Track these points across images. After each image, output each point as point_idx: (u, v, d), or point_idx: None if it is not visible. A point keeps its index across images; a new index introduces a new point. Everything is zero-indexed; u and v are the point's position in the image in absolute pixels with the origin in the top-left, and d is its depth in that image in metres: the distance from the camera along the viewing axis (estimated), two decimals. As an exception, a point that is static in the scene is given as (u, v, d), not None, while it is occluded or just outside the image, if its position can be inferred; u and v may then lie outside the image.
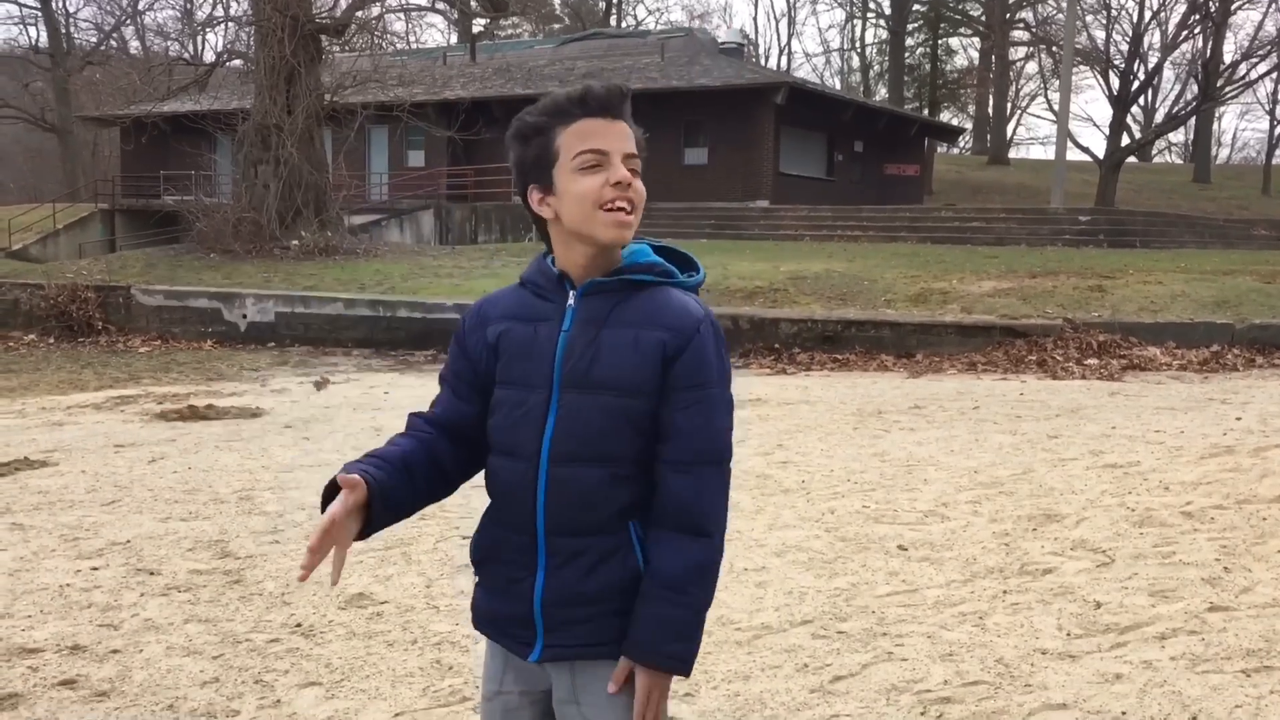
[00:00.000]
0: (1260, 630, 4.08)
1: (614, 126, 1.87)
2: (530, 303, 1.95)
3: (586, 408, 1.85)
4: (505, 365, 1.93)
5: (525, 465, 1.88)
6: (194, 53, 45.02)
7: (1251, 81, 39.21)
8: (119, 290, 16.89)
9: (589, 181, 1.85)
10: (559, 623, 1.89)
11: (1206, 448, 7.21)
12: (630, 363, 1.84)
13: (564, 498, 1.86)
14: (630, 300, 1.88)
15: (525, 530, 1.90)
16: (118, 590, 4.75)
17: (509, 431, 1.91)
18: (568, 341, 1.88)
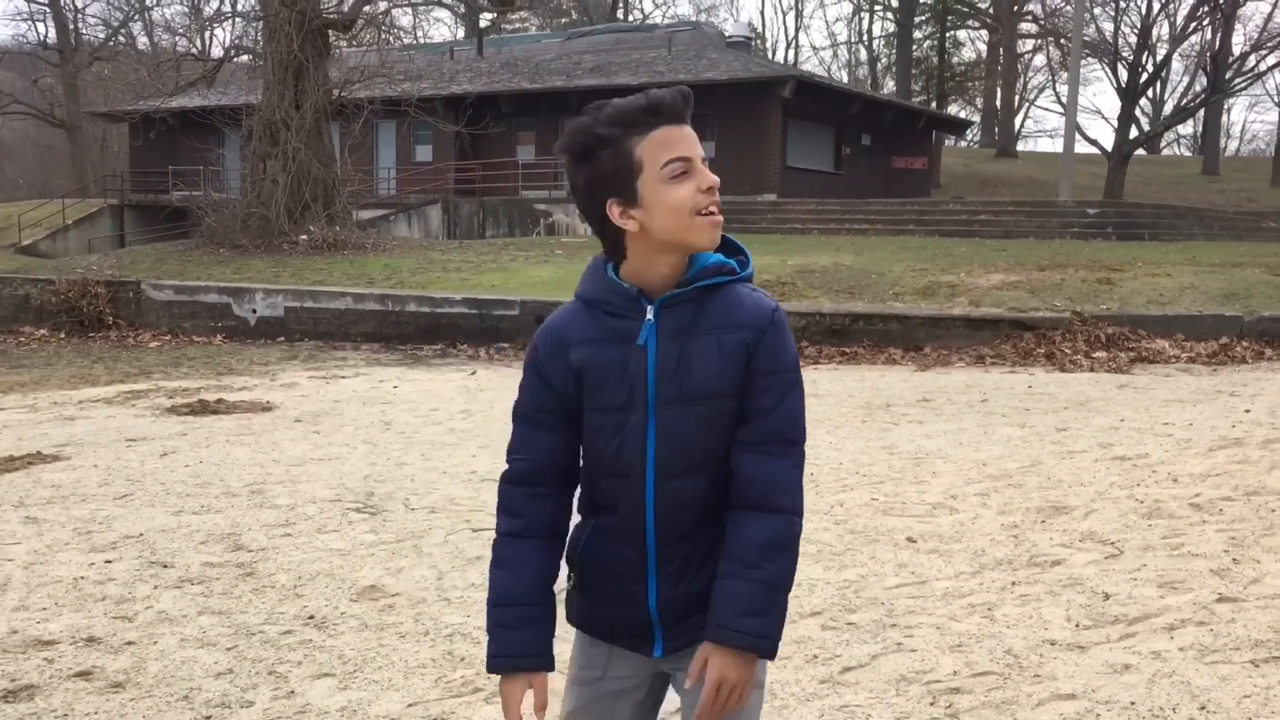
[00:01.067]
0: (1269, 621, 4.09)
1: (685, 132, 1.87)
2: (607, 323, 1.91)
3: (684, 421, 1.88)
4: (596, 390, 1.91)
5: (634, 484, 1.90)
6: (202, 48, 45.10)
7: (1261, 73, 39.11)
8: (129, 285, 16.94)
9: (682, 190, 1.84)
10: (676, 622, 1.94)
11: (1215, 440, 7.21)
12: (717, 369, 1.87)
13: (672, 510, 1.90)
14: (705, 306, 1.89)
15: (636, 545, 1.93)
16: (131, 583, 4.79)
17: (614, 454, 1.92)
18: (657, 359, 1.88)
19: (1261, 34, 36.76)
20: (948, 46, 53.22)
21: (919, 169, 36.43)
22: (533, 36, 43.70)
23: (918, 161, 36.44)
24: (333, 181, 22.00)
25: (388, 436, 8.16)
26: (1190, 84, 46.67)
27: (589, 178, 1.88)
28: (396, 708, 3.56)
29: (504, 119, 32.36)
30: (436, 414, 9.13)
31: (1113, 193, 33.02)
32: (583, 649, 2.08)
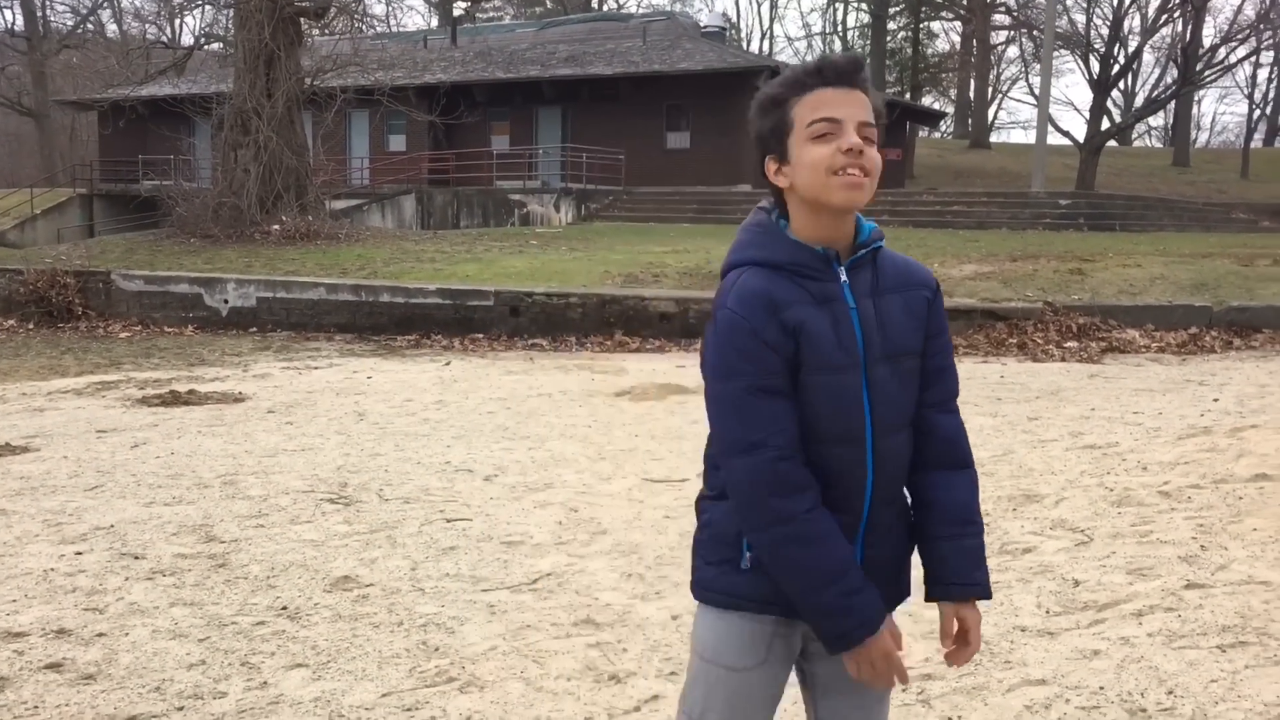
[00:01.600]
0: (1235, 607, 4.14)
1: (849, 95, 1.90)
2: (804, 285, 1.91)
3: (890, 378, 1.94)
4: (814, 351, 1.88)
5: (854, 447, 1.92)
6: (172, 36, 44.68)
7: (1230, 65, 39.40)
8: (99, 276, 16.78)
9: (821, 149, 1.88)
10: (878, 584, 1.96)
11: (1184, 428, 7.28)
12: (910, 326, 1.96)
13: (888, 469, 1.96)
14: (879, 267, 1.98)
15: (850, 510, 1.94)
16: (102, 574, 4.75)
17: (836, 418, 1.90)
18: (860, 318, 1.93)
19: (1231, 26, 37.07)
20: (921, 38, 53.37)
21: (893, 160, 36.53)
22: (507, 26, 43.52)
23: (892, 153, 36.53)
24: (305, 171, 21.86)
25: (361, 427, 8.13)
26: (1161, 76, 46.99)
27: (757, 135, 1.98)
28: (370, 698, 3.56)
29: (478, 109, 32.25)
30: (410, 405, 9.10)
31: (1085, 184, 33.24)
32: (739, 634, 2.00)
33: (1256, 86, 53.97)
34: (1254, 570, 4.53)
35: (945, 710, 3.39)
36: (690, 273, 14.96)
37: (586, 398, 9.24)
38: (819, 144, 1.88)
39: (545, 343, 13.47)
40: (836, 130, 1.88)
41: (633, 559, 4.93)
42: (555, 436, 7.64)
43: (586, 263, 16.37)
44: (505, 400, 9.12)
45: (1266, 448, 6.46)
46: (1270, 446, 6.49)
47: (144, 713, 3.45)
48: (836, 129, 1.88)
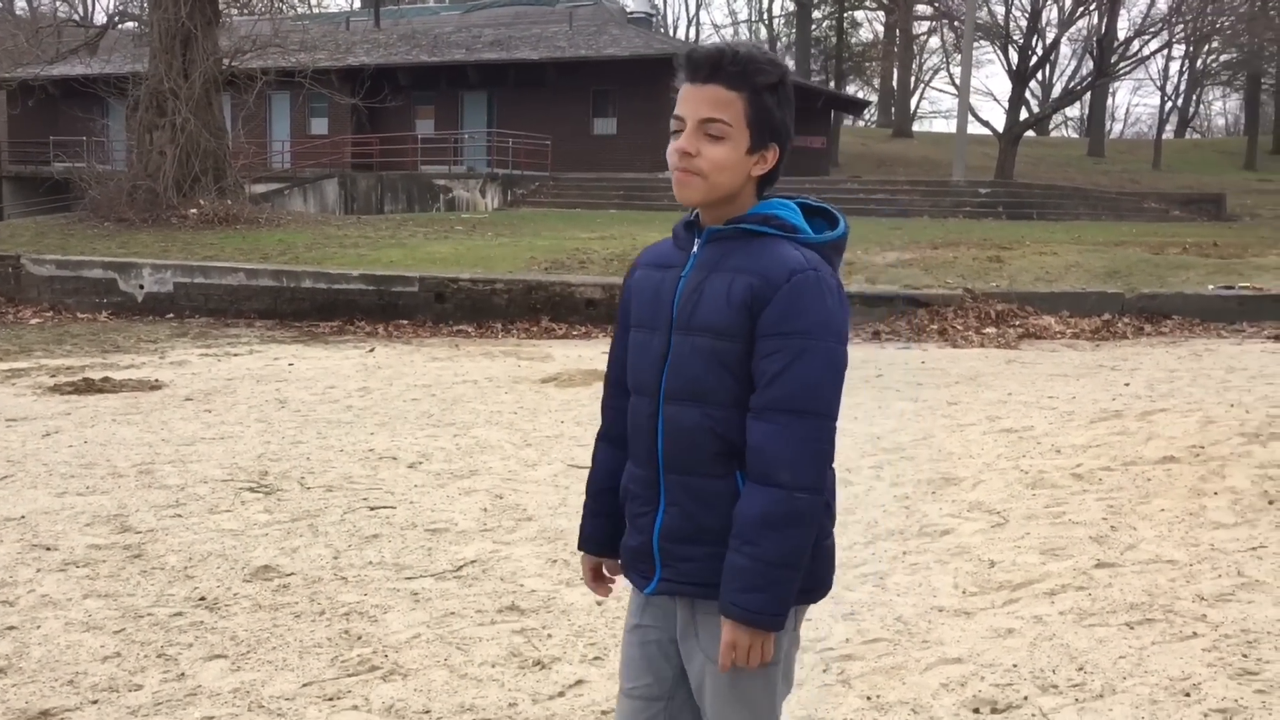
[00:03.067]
0: (1143, 585, 4.27)
1: (698, 91, 1.95)
2: (669, 250, 2.09)
3: (689, 348, 1.97)
4: (637, 308, 2.09)
5: (649, 403, 2.02)
6: (84, 14, 43.41)
7: (1144, 58, 40.40)
8: (8, 260, 16.28)
9: (671, 145, 1.98)
10: (673, 558, 2.00)
11: (1096, 412, 7.47)
12: (719, 306, 1.94)
13: (673, 435, 1.98)
14: (742, 249, 1.98)
15: (649, 465, 2.03)
16: (12, 566, 4.63)
17: (638, 371, 2.06)
18: (684, 286, 2.00)
19: (1145, 19, 37.96)
20: (846, 27, 53.90)
21: (817, 148, 36.85)
22: (431, 9, 43.01)
23: (816, 140, 36.86)
24: (224, 154, 21.38)
25: (283, 415, 8.01)
26: (1078, 68, 48.08)
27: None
28: (291, 688, 3.52)
29: (402, 92, 31.84)
30: (333, 391, 8.99)
31: (1004, 173, 33.86)
32: (631, 594, 2.15)
33: (1168, 79, 55.40)
34: (1161, 549, 4.68)
35: (864, 689, 3.45)
36: (616, 259, 14.95)
37: (512, 384, 9.21)
38: (673, 139, 1.98)
39: (471, 329, 13.38)
40: (681, 128, 1.96)
41: (558, 545, 4.93)
42: (480, 423, 7.60)
43: (512, 249, 16.28)
44: (430, 387, 9.04)
45: (1174, 431, 6.66)
46: (1178, 430, 6.68)
47: (57, 706, 3.38)
48: (681, 127, 1.96)
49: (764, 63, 1.96)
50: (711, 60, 1.93)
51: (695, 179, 1.95)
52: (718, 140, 1.94)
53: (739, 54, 1.94)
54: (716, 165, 1.95)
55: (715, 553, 1.94)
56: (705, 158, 1.94)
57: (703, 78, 1.94)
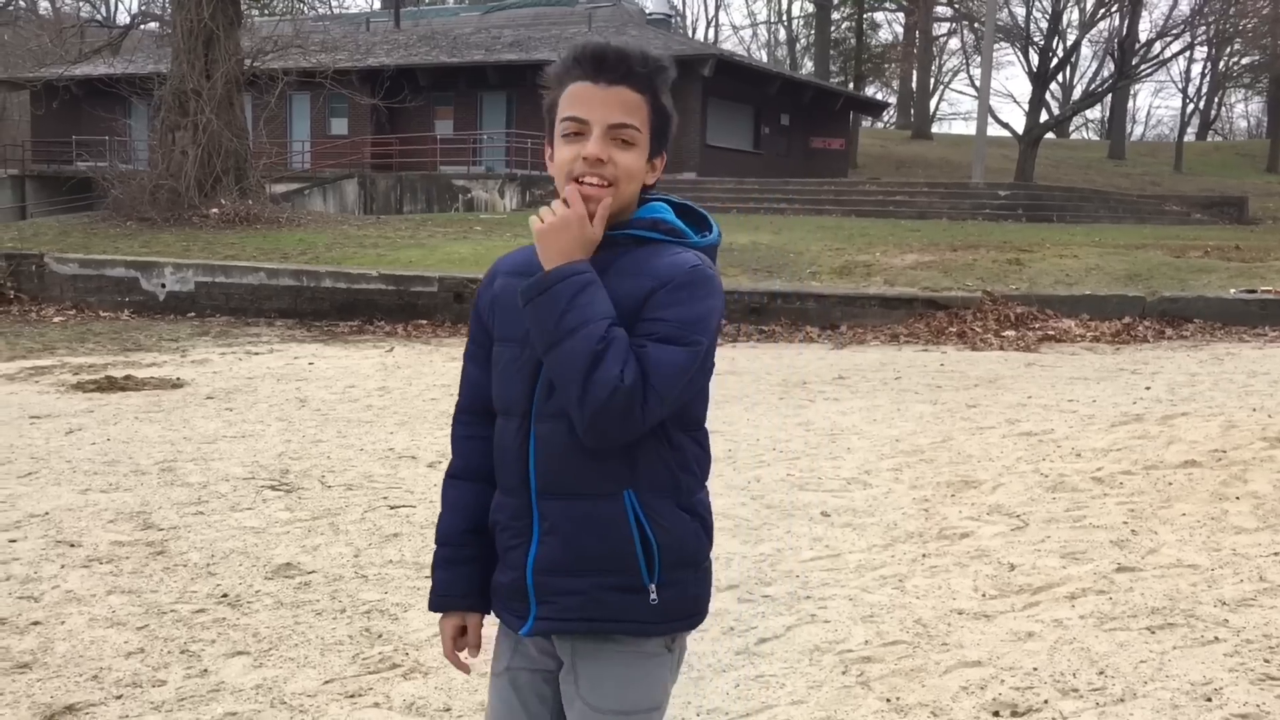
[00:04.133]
0: (1164, 589, 4.25)
1: (605, 93, 1.78)
2: (534, 257, 1.85)
3: None
4: (501, 321, 1.88)
5: (517, 423, 1.83)
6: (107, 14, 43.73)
7: (1165, 60, 40.25)
8: (31, 258, 16.40)
9: (566, 151, 1.80)
10: (551, 592, 1.81)
11: (1117, 416, 7.44)
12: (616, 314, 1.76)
13: (550, 456, 1.79)
14: (630, 255, 1.82)
15: (520, 493, 1.83)
16: (37, 562, 4.67)
17: (504, 388, 1.86)
18: None
19: (1167, 21, 37.78)
20: (865, 28, 53.75)
21: (836, 149, 36.81)
22: (450, 9, 43.13)
23: (835, 142, 36.82)
24: (245, 154, 21.50)
25: (303, 414, 8.06)
26: (1099, 70, 47.79)
27: (544, 113, 1.87)
28: (313, 685, 3.54)
29: (422, 93, 31.94)
30: (353, 391, 9.03)
31: (1023, 175, 33.75)
32: (499, 636, 1.98)
33: (1190, 81, 55.10)
34: (1182, 554, 4.66)
35: (884, 691, 3.45)
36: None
37: (531, 384, 9.23)
38: (566, 144, 1.80)
39: (489, 329, 13.41)
40: (584, 131, 1.78)
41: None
42: (499, 423, 7.61)
43: (531, 249, 16.30)
44: (449, 387, 9.07)
45: (1196, 435, 6.63)
46: (1199, 434, 6.65)
47: (82, 701, 3.41)
48: (585, 130, 1.78)
49: (667, 65, 1.84)
50: (622, 60, 1.78)
51: (606, 190, 1.78)
52: (629, 147, 1.79)
53: (647, 55, 1.81)
54: (629, 174, 1.80)
55: (601, 583, 1.79)
56: (617, 165, 1.78)
57: (611, 78, 1.78)
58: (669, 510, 1.84)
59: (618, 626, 1.82)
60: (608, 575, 1.80)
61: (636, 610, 1.82)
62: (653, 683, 1.87)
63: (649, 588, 1.81)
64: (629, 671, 1.84)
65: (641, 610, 1.82)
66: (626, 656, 1.84)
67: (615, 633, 1.83)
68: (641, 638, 1.85)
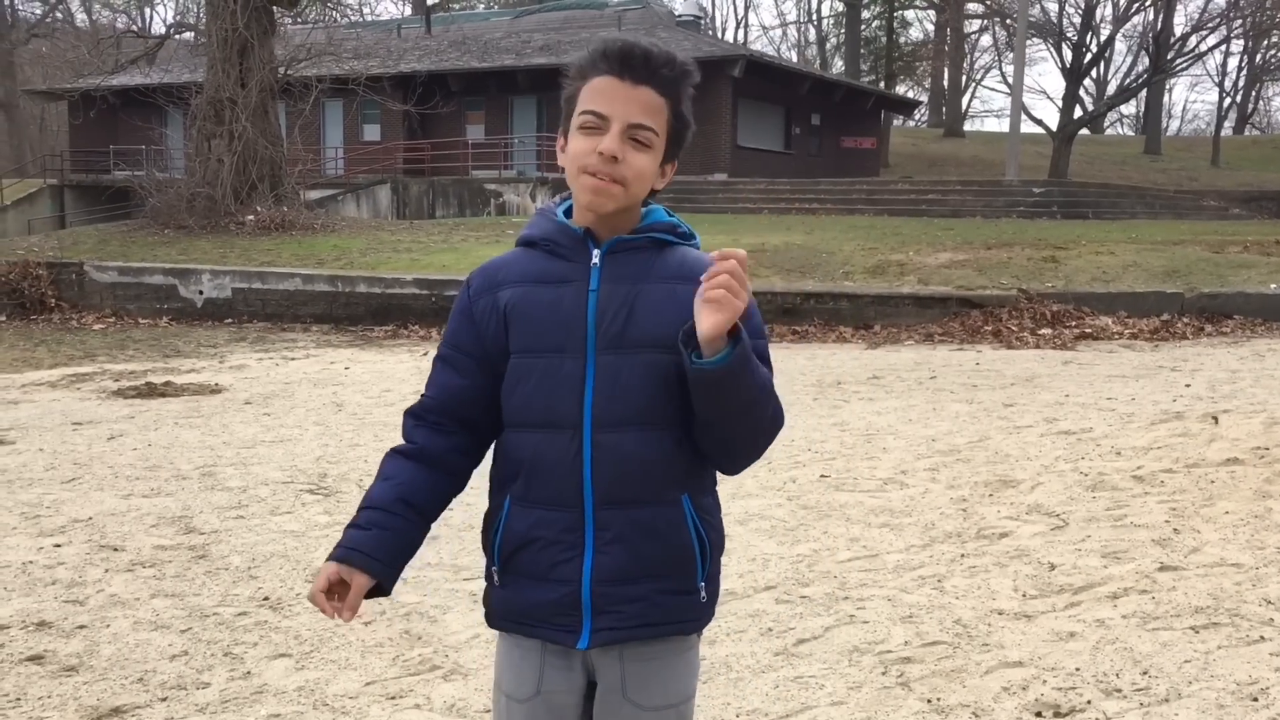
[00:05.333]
0: (1208, 589, 4.21)
1: (630, 91, 1.76)
2: (547, 265, 1.83)
3: (626, 369, 1.76)
4: (526, 332, 1.81)
5: (568, 436, 1.77)
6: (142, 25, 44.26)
7: (1201, 54, 39.70)
8: (72, 267, 16.64)
9: (584, 143, 1.77)
10: (609, 603, 1.79)
11: (1157, 414, 7.36)
12: (667, 317, 1.75)
13: (612, 466, 1.76)
14: (658, 258, 1.81)
15: (571, 506, 1.78)
16: (82, 567, 4.74)
17: (544, 402, 1.79)
18: (599, 301, 1.78)
19: (1202, 15, 37.30)
20: (895, 26, 53.50)
21: (868, 149, 36.63)
22: (481, 14, 43.35)
23: (866, 141, 36.65)
24: (280, 161, 21.71)
25: (340, 418, 8.12)
26: (1133, 64, 47.36)
27: (562, 103, 1.85)
28: (354, 686, 3.57)
29: (453, 98, 32.08)
30: (389, 395, 9.09)
31: (1057, 172, 33.44)
32: (511, 661, 1.90)
33: (1227, 75, 54.40)
34: (1226, 553, 4.60)
35: (924, 692, 3.43)
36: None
37: (565, 387, 9.25)
38: (583, 136, 1.77)
39: (523, 332, 13.46)
40: (603, 127, 1.76)
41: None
42: (534, 426, 7.64)
43: (563, 252, 16.35)
44: (484, 390, 9.11)
45: (1238, 432, 6.55)
46: (1241, 431, 6.58)
47: (127, 704, 3.45)
48: (603, 125, 1.76)
49: (692, 70, 1.82)
50: (648, 59, 1.76)
51: (616, 188, 1.76)
52: (644, 148, 1.77)
53: (674, 59, 1.79)
54: (640, 176, 1.78)
55: (662, 588, 1.79)
56: (630, 166, 1.76)
57: (636, 78, 1.76)
58: (713, 508, 1.90)
59: (674, 628, 1.84)
60: (666, 579, 1.81)
61: (689, 610, 1.85)
62: (692, 672, 1.91)
63: (700, 587, 1.84)
64: (675, 667, 1.86)
65: (693, 609, 1.85)
66: (673, 654, 1.86)
67: (670, 635, 1.84)
68: (689, 635, 1.88)
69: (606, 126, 1.76)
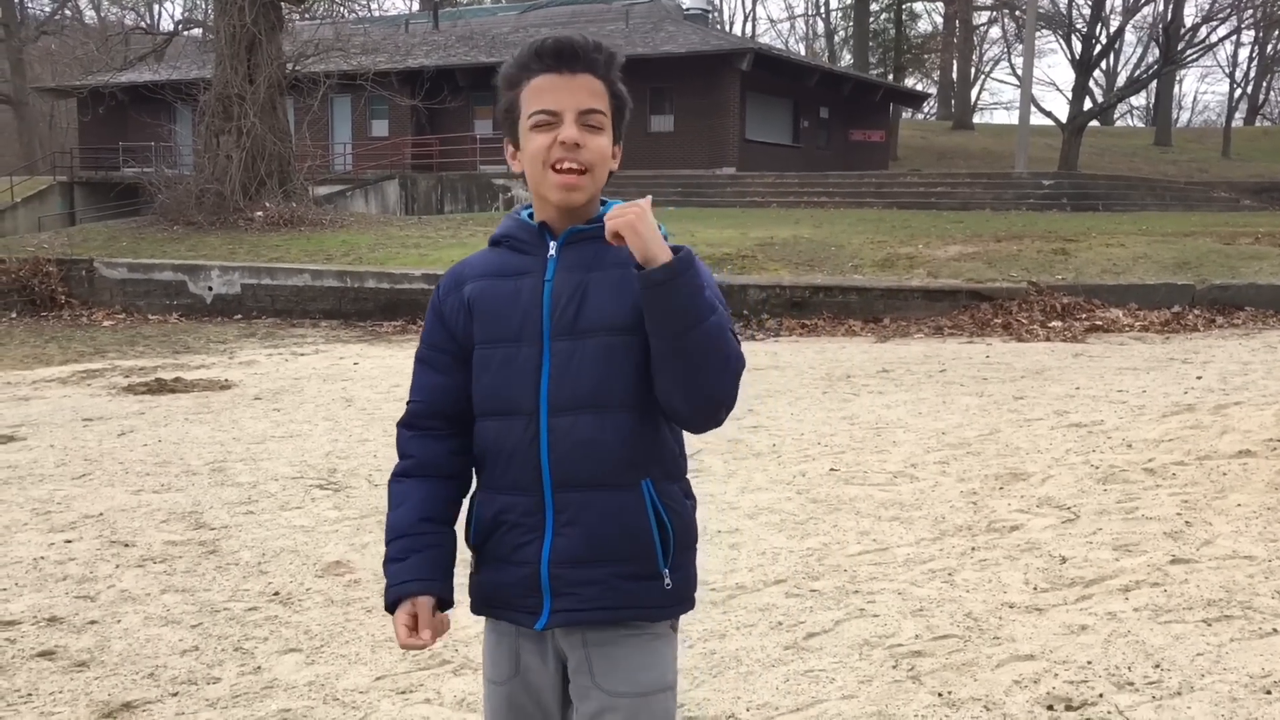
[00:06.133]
0: (1220, 581, 4.19)
1: (571, 81, 1.83)
2: (508, 259, 1.91)
3: (578, 353, 1.81)
4: (487, 323, 1.87)
5: (524, 421, 1.83)
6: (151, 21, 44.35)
7: (1212, 44, 39.54)
8: (82, 263, 16.68)
9: (540, 140, 1.83)
10: (567, 585, 1.82)
11: (1168, 406, 7.33)
12: (618, 300, 1.80)
13: (567, 450, 1.81)
14: (613, 247, 1.82)
15: (530, 490, 1.83)
16: (92, 562, 4.75)
17: (503, 389, 1.85)
18: (553, 290, 1.84)
19: (1213, 5, 37.11)
20: (904, 19, 53.33)
21: (877, 141, 36.55)
22: (488, 9, 43.29)
23: (875, 134, 36.56)
24: (288, 157, 21.73)
25: (349, 413, 8.13)
26: (1143, 56, 47.17)
27: (499, 116, 1.92)
28: (365, 681, 3.57)
29: (461, 93, 32.09)
30: (398, 390, 9.10)
31: (1067, 164, 33.31)
32: (489, 646, 1.97)
33: (1237, 65, 54.18)
34: (1238, 545, 4.58)
35: (935, 686, 3.42)
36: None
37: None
38: (538, 134, 1.83)
39: (532, 327, 13.46)
40: (555, 121, 1.82)
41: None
42: (543, 420, 7.64)
43: (572, 247, 16.33)
44: (493, 385, 9.12)
45: (1249, 424, 6.52)
46: (1253, 423, 6.55)
47: (138, 699, 3.46)
48: (555, 119, 1.82)
49: (617, 53, 1.89)
50: (579, 49, 1.83)
51: (584, 178, 1.82)
52: (597, 131, 1.83)
53: (600, 44, 1.85)
54: (601, 157, 1.83)
55: (618, 572, 1.82)
56: (590, 150, 1.82)
57: (574, 68, 1.82)
58: (677, 495, 1.90)
59: (633, 614, 1.85)
60: (625, 564, 1.83)
61: (651, 596, 1.85)
62: (665, 662, 1.91)
63: (663, 573, 1.85)
64: (642, 654, 1.87)
65: (656, 596, 1.86)
66: (638, 640, 1.87)
67: (631, 620, 1.85)
68: (654, 622, 1.88)
69: (559, 120, 1.82)
